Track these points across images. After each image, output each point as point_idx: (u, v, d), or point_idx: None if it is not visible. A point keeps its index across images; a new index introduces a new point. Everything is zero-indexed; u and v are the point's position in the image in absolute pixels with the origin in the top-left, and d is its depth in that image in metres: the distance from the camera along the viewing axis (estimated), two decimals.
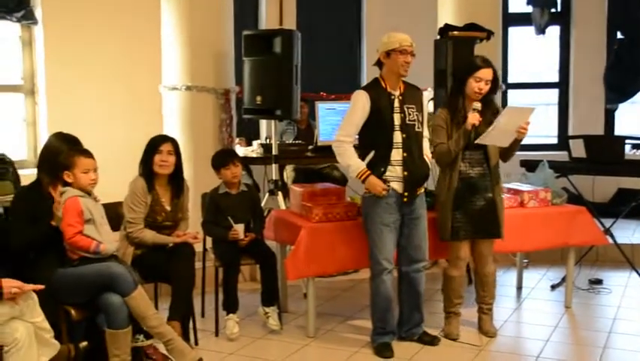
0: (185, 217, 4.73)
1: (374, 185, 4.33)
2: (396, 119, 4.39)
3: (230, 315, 4.78)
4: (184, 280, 4.41)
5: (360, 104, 4.39)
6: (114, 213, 4.43)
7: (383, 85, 4.43)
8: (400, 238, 4.51)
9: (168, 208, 4.58)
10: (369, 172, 4.34)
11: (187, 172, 5.33)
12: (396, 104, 4.41)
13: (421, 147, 4.50)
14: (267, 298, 4.89)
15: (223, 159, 4.95)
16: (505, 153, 4.68)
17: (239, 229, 4.80)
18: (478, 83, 4.53)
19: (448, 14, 6.79)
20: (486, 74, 4.54)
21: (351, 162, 4.39)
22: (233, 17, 6.28)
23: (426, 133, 4.59)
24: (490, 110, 4.60)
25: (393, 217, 4.43)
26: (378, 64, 4.46)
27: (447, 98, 4.76)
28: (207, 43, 5.98)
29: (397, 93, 4.44)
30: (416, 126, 4.45)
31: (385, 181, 4.35)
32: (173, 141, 4.60)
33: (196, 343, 4.61)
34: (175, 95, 6.00)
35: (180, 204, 4.66)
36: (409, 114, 4.42)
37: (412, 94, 4.51)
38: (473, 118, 4.47)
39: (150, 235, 4.48)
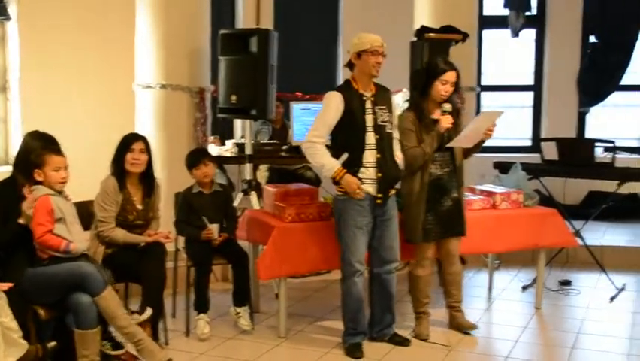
0: (157, 216, 4.71)
1: (350, 183, 4.31)
2: (369, 120, 4.40)
3: (201, 315, 4.77)
4: (155, 280, 4.38)
5: (334, 104, 4.38)
6: (85, 212, 4.41)
7: (355, 86, 4.44)
8: (371, 240, 4.52)
9: (140, 207, 4.56)
10: (345, 171, 4.32)
11: (161, 171, 5.34)
12: (368, 105, 4.42)
13: (392, 148, 4.51)
14: (238, 298, 4.89)
15: (194, 159, 4.94)
16: (468, 152, 4.75)
17: (213, 228, 4.79)
18: (444, 85, 4.57)
19: (424, 16, 6.83)
20: (451, 76, 4.58)
21: (325, 162, 4.36)
22: (211, 16, 6.26)
23: (396, 135, 4.61)
24: (454, 111, 4.65)
25: (366, 220, 4.44)
26: (349, 65, 4.47)
27: (412, 101, 4.78)
28: (182, 42, 5.96)
29: (369, 94, 4.45)
30: (387, 127, 4.47)
31: (360, 182, 4.36)
32: (144, 140, 4.58)
33: (166, 343, 4.59)
34: (149, 94, 5.97)
35: (152, 203, 4.64)
36: (381, 115, 4.44)
37: (383, 95, 4.53)
38: (447, 121, 4.50)
39: (121, 234, 4.46)
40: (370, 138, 4.39)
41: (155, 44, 5.93)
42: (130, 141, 4.53)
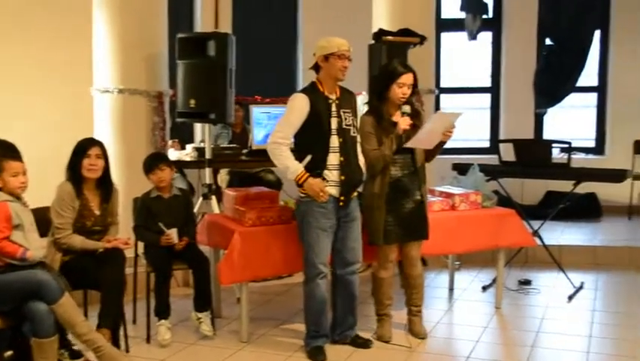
0: (115, 222, 4.66)
1: (313, 187, 4.31)
2: (334, 123, 4.41)
3: (162, 321, 4.73)
4: (114, 287, 4.32)
5: (299, 106, 4.38)
6: (42, 219, 4.33)
7: (320, 89, 4.44)
8: (334, 242, 4.52)
9: (97, 213, 4.51)
10: (307, 174, 4.33)
11: (119, 176, 5.29)
12: (334, 108, 4.43)
13: (356, 151, 4.53)
14: (199, 303, 4.85)
15: (149, 163, 4.91)
16: (430, 155, 4.77)
17: (172, 233, 4.75)
18: (402, 88, 4.58)
19: (382, 19, 6.86)
20: (408, 78, 4.60)
21: (289, 164, 4.35)
22: (169, 20, 6.22)
23: (359, 138, 4.63)
24: (413, 113, 4.67)
25: (330, 222, 4.44)
26: (316, 67, 4.47)
27: (371, 105, 4.79)
28: (140, 46, 5.90)
29: (334, 97, 4.46)
30: (352, 131, 4.48)
31: (324, 180, 4.36)
32: (101, 145, 4.53)
33: (127, 350, 4.53)
34: (107, 98, 5.90)
35: (110, 209, 4.58)
36: (345, 119, 4.45)
37: (348, 98, 4.54)
38: (405, 123, 4.52)
39: (79, 241, 4.40)
40: (334, 140, 4.39)
41: (112, 48, 5.87)
42: (86, 146, 4.46)
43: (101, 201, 4.54)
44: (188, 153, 6.29)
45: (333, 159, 4.39)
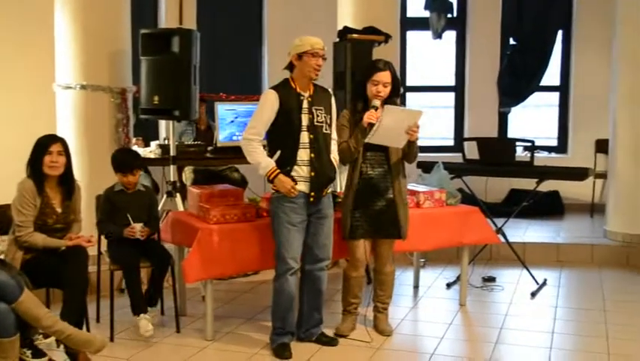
0: (78, 219, 4.60)
1: (283, 183, 4.33)
2: (304, 119, 4.41)
3: (141, 315, 4.69)
4: (77, 285, 4.27)
5: (270, 103, 4.39)
6: (2, 216, 4.28)
7: (293, 86, 4.45)
8: (306, 237, 4.53)
9: (59, 210, 4.44)
10: (278, 171, 4.34)
11: (81, 173, 5.23)
12: (305, 105, 4.43)
13: (328, 148, 4.54)
14: (149, 298, 4.85)
15: (124, 165, 4.81)
16: (407, 155, 4.78)
17: (136, 226, 4.69)
18: (376, 86, 4.60)
19: (347, 17, 6.87)
20: (383, 77, 4.61)
21: (261, 160, 4.38)
22: (133, 16, 6.15)
23: (334, 135, 4.64)
24: None
25: (300, 217, 4.45)
26: (290, 66, 4.46)
27: (350, 100, 4.83)
28: (103, 41, 5.83)
29: (307, 94, 4.46)
30: (324, 128, 4.49)
31: (293, 180, 4.37)
32: (62, 141, 4.47)
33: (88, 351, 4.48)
34: (69, 94, 5.82)
35: (72, 206, 4.52)
36: (317, 116, 4.46)
37: (322, 96, 4.55)
38: (369, 116, 4.53)
39: (41, 239, 4.34)
40: (305, 137, 4.41)
41: (74, 44, 5.78)
42: (47, 142, 4.40)
43: (63, 199, 4.48)
44: (152, 151, 6.24)
45: (303, 155, 4.41)
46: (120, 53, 5.95)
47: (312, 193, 4.44)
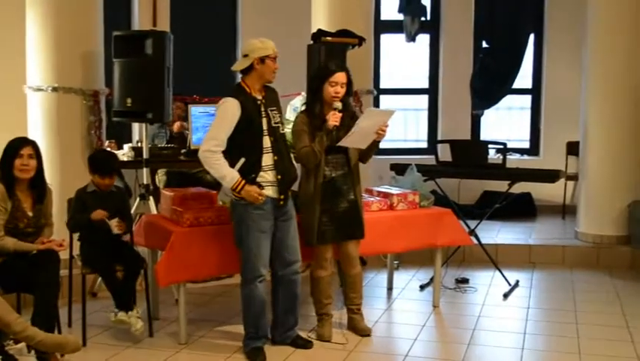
0: (50, 223, 4.57)
1: (250, 192, 4.29)
2: (264, 123, 4.39)
3: (130, 312, 4.69)
4: (48, 289, 4.23)
5: (231, 111, 4.32)
6: None
7: (248, 90, 4.41)
8: (273, 242, 4.51)
9: (30, 214, 4.41)
10: (244, 182, 4.29)
11: (53, 177, 5.19)
12: (262, 108, 4.41)
13: (287, 148, 4.54)
14: (122, 301, 4.80)
15: (104, 167, 4.75)
16: (365, 155, 4.80)
17: (112, 222, 4.66)
18: (334, 87, 4.60)
19: (321, 20, 6.87)
20: (340, 77, 4.62)
21: (226, 173, 4.29)
22: (106, 18, 6.11)
23: (288, 136, 4.65)
24: (348, 113, 4.70)
25: (269, 223, 4.43)
26: (247, 69, 4.42)
27: (306, 104, 4.81)
28: (75, 43, 5.78)
29: (260, 97, 4.44)
30: (280, 128, 4.48)
31: (260, 187, 4.34)
32: (33, 144, 4.43)
33: (62, 354, 4.44)
34: (40, 97, 5.77)
35: (43, 210, 4.49)
36: (273, 117, 4.45)
37: (272, 97, 4.53)
38: (334, 118, 4.53)
39: (11, 243, 4.29)
40: (266, 141, 4.39)
41: (46, 46, 5.74)
42: (18, 145, 4.36)
43: (34, 202, 4.45)
44: (125, 153, 6.20)
45: (268, 159, 4.39)
46: (93, 55, 5.91)
47: (282, 197, 4.43)
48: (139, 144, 6.18)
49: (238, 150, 4.35)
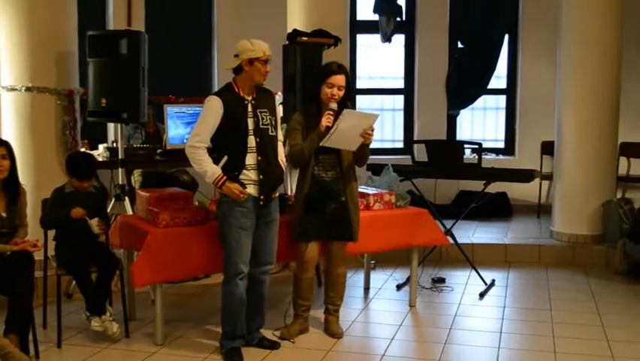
0: (24, 224, 4.52)
1: (231, 189, 4.30)
2: (250, 123, 4.40)
3: (103, 317, 4.67)
4: (23, 291, 4.21)
5: (215, 109, 4.34)
6: None
7: (236, 90, 4.42)
8: (252, 241, 4.51)
9: (4, 215, 4.36)
10: (225, 178, 4.31)
11: (27, 177, 5.14)
12: (250, 108, 4.42)
13: (275, 150, 4.53)
14: (96, 304, 4.78)
15: (83, 172, 4.70)
16: (358, 158, 4.81)
17: (93, 222, 4.62)
18: (331, 88, 4.62)
19: (296, 20, 6.85)
20: (338, 80, 4.64)
21: (208, 169, 4.32)
22: (80, 18, 6.06)
23: (280, 137, 4.64)
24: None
25: (250, 221, 4.43)
26: (237, 69, 4.41)
27: (304, 104, 4.84)
28: (49, 43, 5.73)
29: (250, 98, 4.44)
30: (270, 130, 4.48)
31: (242, 185, 4.34)
32: (6, 145, 4.39)
33: (37, 355, 4.40)
34: (14, 96, 5.71)
35: (17, 211, 4.44)
36: (262, 118, 4.44)
37: (265, 98, 4.53)
38: (326, 119, 4.55)
39: None
40: (251, 140, 4.39)
41: (19, 45, 5.67)
42: None
43: (8, 203, 4.40)
44: (100, 154, 6.15)
45: (251, 158, 4.39)
46: (67, 55, 5.86)
47: (262, 197, 4.43)
48: (114, 145, 6.13)
49: (222, 147, 4.40)
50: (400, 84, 9.76)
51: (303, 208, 4.68)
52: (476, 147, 6.90)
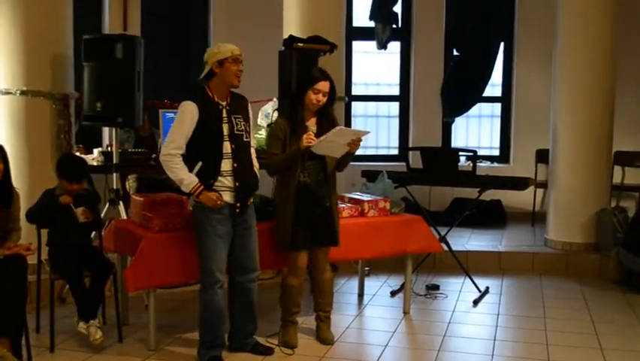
0: (17, 228, 4.50)
1: (208, 197, 4.28)
2: (225, 129, 4.37)
3: (91, 321, 4.63)
4: (15, 295, 4.18)
5: (189, 115, 4.31)
6: None
7: (211, 95, 4.39)
8: (231, 249, 4.48)
9: None
10: (202, 187, 4.28)
11: (21, 181, 5.12)
12: (224, 114, 4.39)
13: (249, 156, 4.51)
14: (88, 310, 4.74)
15: (72, 174, 4.69)
16: (339, 164, 4.80)
17: (78, 211, 4.60)
18: (317, 95, 4.62)
19: (293, 26, 6.87)
20: (323, 86, 4.63)
21: (184, 177, 4.29)
22: (76, 22, 6.05)
23: (253, 143, 4.64)
24: (329, 122, 4.71)
25: (226, 228, 4.41)
26: (208, 75, 4.39)
27: (287, 109, 4.82)
28: (44, 46, 5.72)
29: (225, 103, 4.42)
30: (244, 136, 4.45)
31: (217, 192, 4.33)
32: (0, 148, 4.37)
33: (30, 360, 4.37)
34: (8, 100, 5.69)
35: (10, 214, 4.42)
36: (237, 124, 4.42)
37: (239, 104, 4.51)
38: (307, 139, 4.53)
39: None
40: (227, 147, 4.37)
41: (14, 48, 5.66)
42: None
43: (1, 207, 4.38)
44: (94, 158, 6.14)
45: (227, 165, 4.37)
46: (62, 59, 5.85)
47: (238, 204, 4.41)
48: (109, 149, 6.11)
49: (197, 153, 4.35)
50: (395, 91, 9.79)
51: (293, 216, 4.65)
52: (471, 154, 6.90)
